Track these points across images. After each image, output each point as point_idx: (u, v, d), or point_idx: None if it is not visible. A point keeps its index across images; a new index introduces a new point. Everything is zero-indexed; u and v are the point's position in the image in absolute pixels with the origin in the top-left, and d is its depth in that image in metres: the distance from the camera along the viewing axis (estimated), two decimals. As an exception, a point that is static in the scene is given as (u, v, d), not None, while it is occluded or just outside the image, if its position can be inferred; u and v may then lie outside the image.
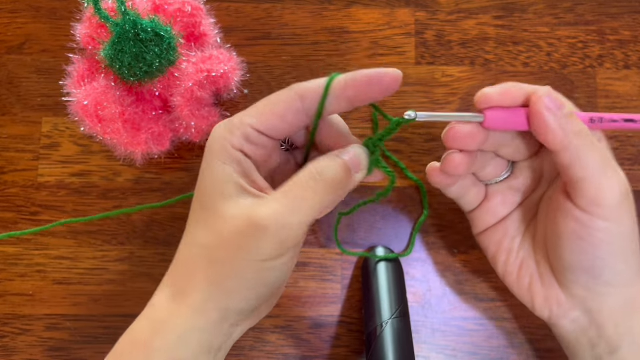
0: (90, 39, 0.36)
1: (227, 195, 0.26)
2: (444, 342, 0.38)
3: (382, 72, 0.26)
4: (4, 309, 0.38)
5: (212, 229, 0.26)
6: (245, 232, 0.25)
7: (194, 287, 0.27)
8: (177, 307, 0.27)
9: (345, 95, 0.27)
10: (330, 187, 0.26)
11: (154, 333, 0.27)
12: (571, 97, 0.41)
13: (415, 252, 0.39)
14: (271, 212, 0.25)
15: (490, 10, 0.43)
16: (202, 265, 0.27)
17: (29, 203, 0.39)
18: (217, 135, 0.27)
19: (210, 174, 0.27)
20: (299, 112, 0.27)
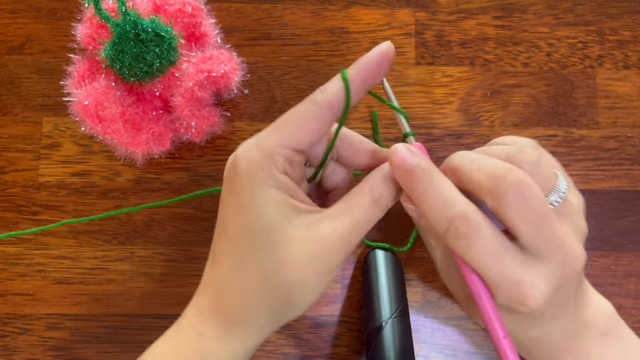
0: (91, 39, 0.36)
1: (288, 219, 0.26)
2: (444, 342, 0.38)
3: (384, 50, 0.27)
4: (4, 309, 0.38)
5: (278, 255, 0.26)
6: (315, 254, 0.26)
7: (258, 314, 0.27)
8: (232, 336, 0.27)
9: (364, 86, 0.27)
10: (385, 210, 0.27)
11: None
12: (571, 97, 0.41)
13: (415, 252, 0.39)
14: (338, 235, 0.26)
15: (490, 10, 0.43)
16: (271, 292, 0.27)
17: (29, 203, 0.39)
18: (255, 159, 0.26)
19: (263, 198, 0.26)
20: (331, 122, 0.27)
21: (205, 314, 0.28)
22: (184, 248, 0.39)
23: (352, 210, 0.26)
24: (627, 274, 0.39)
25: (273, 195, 0.26)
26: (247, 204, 0.26)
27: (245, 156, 0.26)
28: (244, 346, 0.28)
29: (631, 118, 0.41)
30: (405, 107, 0.41)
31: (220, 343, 0.27)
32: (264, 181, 0.26)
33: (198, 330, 0.28)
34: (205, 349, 0.27)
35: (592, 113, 0.41)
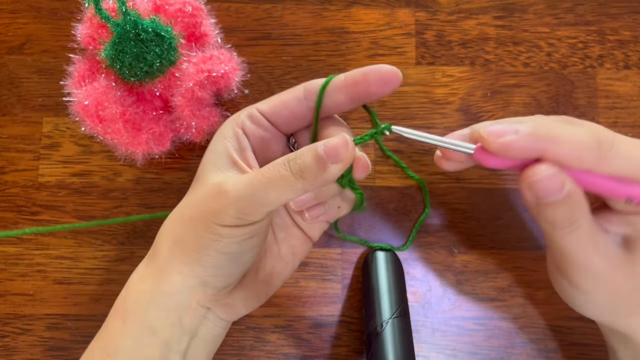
0: (91, 39, 0.36)
1: (218, 167, 0.29)
2: (444, 342, 0.38)
3: (379, 67, 0.27)
4: (4, 309, 0.38)
5: (192, 193, 0.29)
6: (211, 195, 0.27)
7: (161, 248, 0.29)
8: (147, 268, 0.29)
9: (345, 91, 0.28)
10: (299, 173, 0.25)
11: (127, 293, 0.29)
12: (571, 97, 0.41)
13: (415, 252, 0.39)
14: (237, 181, 0.27)
15: (490, 10, 0.43)
16: (170, 225, 0.29)
17: (29, 203, 0.39)
18: (227, 120, 0.31)
19: (210, 148, 0.30)
20: (300, 100, 0.30)
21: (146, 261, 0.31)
22: (184, 248, 0.39)
23: (262, 169, 0.26)
24: (627, 274, 0.39)
25: (218, 144, 0.30)
26: (206, 151, 0.30)
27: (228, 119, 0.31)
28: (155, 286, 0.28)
29: (631, 118, 0.41)
30: (406, 107, 0.41)
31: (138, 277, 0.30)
32: (220, 132, 0.30)
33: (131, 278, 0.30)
34: (130, 281, 0.30)
35: (593, 113, 0.41)
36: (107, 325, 0.30)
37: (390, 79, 0.27)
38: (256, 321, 0.38)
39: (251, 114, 0.30)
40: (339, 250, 0.39)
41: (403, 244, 0.39)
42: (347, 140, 0.26)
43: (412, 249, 0.39)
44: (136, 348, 0.28)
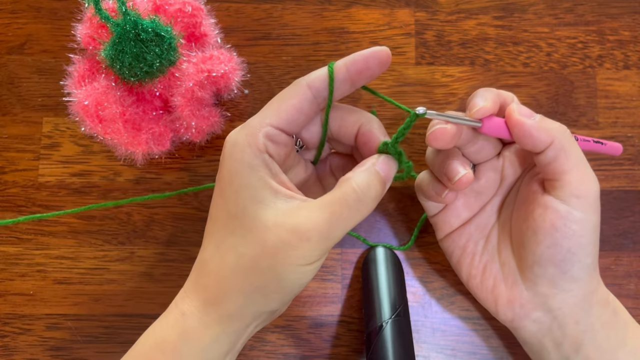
0: (91, 39, 0.36)
1: (263, 202, 0.26)
2: (444, 342, 0.38)
3: (376, 50, 0.28)
4: (4, 309, 0.38)
5: (253, 238, 0.26)
6: (291, 242, 0.26)
7: (232, 295, 0.27)
8: (210, 316, 0.28)
9: (349, 77, 0.28)
10: (372, 205, 0.27)
11: (185, 340, 0.28)
12: (571, 97, 0.41)
13: (415, 252, 0.39)
14: (315, 225, 0.26)
15: (490, 10, 0.43)
16: (242, 274, 0.27)
17: (29, 203, 0.39)
18: (238, 141, 0.27)
19: (240, 181, 0.27)
20: (312, 102, 0.29)
21: (188, 293, 0.29)
22: (184, 248, 0.39)
23: (332, 204, 0.26)
24: (627, 274, 0.39)
25: (252, 177, 0.27)
26: (227, 186, 0.27)
27: (230, 139, 0.28)
28: (224, 329, 0.28)
29: (631, 118, 0.41)
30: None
31: (199, 322, 0.28)
32: (244, 161, 0.27)
33: (181, 310, 0.28)
34: (186, 328, 0.28)
35: (592, 113, 0.41)
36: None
37: (386, 60, 0.29)
38: (256, 321, 0.38)
39: (270, 135, 0.28)
40: (338, 250, 0.39)
41: (403, 244, 0.39)
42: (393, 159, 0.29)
43: (412, 249, 0.39)
44: None
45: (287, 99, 0.28)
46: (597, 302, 0.31)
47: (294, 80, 0.29)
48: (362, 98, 0.41)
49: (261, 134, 0.27)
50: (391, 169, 0.28)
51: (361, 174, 0.27)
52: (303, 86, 0.28)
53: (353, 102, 0.41)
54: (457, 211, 0.35)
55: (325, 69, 0.28)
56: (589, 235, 0.29)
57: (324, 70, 0.28)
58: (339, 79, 0.28)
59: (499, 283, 0.33)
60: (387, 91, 0.41)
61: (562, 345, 0.31)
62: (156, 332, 0.29)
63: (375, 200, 0.27)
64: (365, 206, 0.27)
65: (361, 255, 0.39)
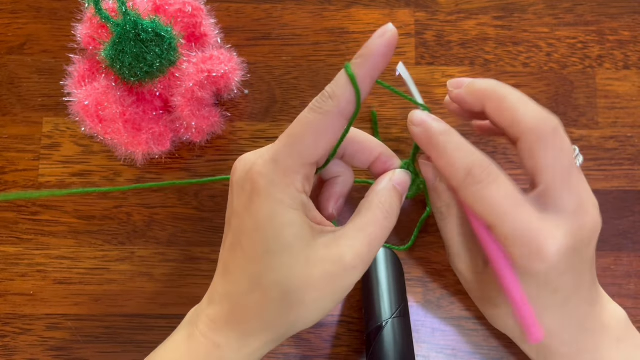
0: (91, 39, 0.36)
1: (305, 239, 0.27)
2: (444, 342, 0.38)
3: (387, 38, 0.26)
4: (4, 309, 0.38)
5: (298, 274, 0.26)
6: (336, 274, 0.27)
7: (274, 327, 0.28)
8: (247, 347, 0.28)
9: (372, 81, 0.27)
10: (396, 219, 0.28)
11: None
12: (571, 97, 0.41)
13: (415, 252, 0.39)
14: (356, 254, 0.27)
15: (490, 10, 0.43)
16: (286, 309, 0.27)
17: (29, 203, 0.39)
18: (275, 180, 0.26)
19: (281, 220, 0.26)
20: (344, 128, 0.27)
21: (220, 326, 0.28)
22: (184, 248, 0.39)
23: (366, 227, 0.27)
24: (627, 274, 0.39)
25: (292, 216, 0.26)
26: (266, 223, 0.26)
27: (263, 173, 0.26)
28: (260, 354, 0.29)
29: (631, 118, 0.41)
30: (406, 107, 0.41)
31: (237, 353, 0.28)
32: (284, 202, 0.26)
33: (214, 342, 0.28)
34: (223, 356, 0.28)
35: (592, 113, 0.41)
36: None
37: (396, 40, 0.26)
38: (256, 321, 0.38)
39: (308, 176, 0.27)
40: (339, 250, 0.39)
41: (403, 244, 0.39)
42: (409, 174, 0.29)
43: (412, 249, 0.39)
44: None
45: (322, 134, 0.26)
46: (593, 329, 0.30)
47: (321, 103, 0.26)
48: (362, 98, 0.41)
49: (300, 177, 0.26)
50: (406, 184, 0.29)
51: (383, 192, 0.28)
52: (337, 116, 0.26)
53: (353, 102, 0.41)
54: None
55: (347, 86, 0.26)
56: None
57: (348, 88, 0.26)
58: (363, 89, 0.26)
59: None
60: (387, 91, 0.41)
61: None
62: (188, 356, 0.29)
63: (397, 214, 0.28)
64: (391, 222, 0.28)
65: (361, 255, 0.39)
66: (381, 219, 0.27)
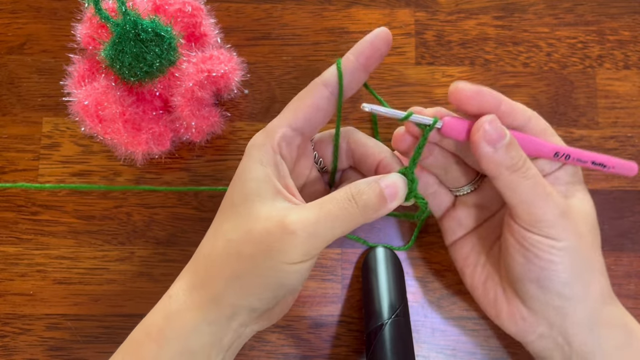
0: (91, 39, 0.36)
1: (263, 196, 0.27)
2: (444, 342, 0.38)
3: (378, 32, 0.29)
4: (4, 309, 0.38)
5: (243, 225, 0.27)
6: (275, 233, 0.26)
7: (214, 279, 0.28)
8: (193, 298, 0.28)
9: (359, 65, 0.29)
10: (362, 211, 0.27)
11: (168, 322, 0.28)
12: (571, 97, 0.41)
13: (415, 252, 0.39)
14: (302, 219, 0.26)
15: (490, 10, 0.43)
16: (225, 259, 0.27)
17: (29, 203, 0.39)
18: (257, 140, 0.29)
19: (248, 174, 0.28)
20: (328, 99, 0.29)
21: (179, 278, 0.29)
22: (184, 248, 0.39)
23: (324, 203, 0.27)
24: (627, 274, 0.39)
25: (259, 171, 0.28)
26: (237, 178, 0.29)
27: (252, 140, 0.29)
28: (204, 317, 0.28)
29: (631, 118, 0.41)
30: (406, 107, 0.41)
31: (182, 305, 0.28)
32: (256, 158, 0.28)
33: (169, 294, 0.29)
34: (170, 310, 0.28)
35: (592, 113, 0.41)
36: (137, 350, 0.29)
37: (389, 38, 0.29)
38: (256, 321, 0.38)
39: (286, 136, 0.29)
40: (338, 250, 0.39)
41: (403, 244, 0.39)
42: (404, 181, 0.28)
43: (412, 249, 0.39)
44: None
45: (303, 99, 0.29)
46: (607, 323, 0.30)
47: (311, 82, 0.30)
48: (361, 98, 0.41)
49: (278, 135, 0.28)
50: (396, 187, 0.28)
51: (359, 182, 0.27)
52: (318, 85, 0.29)
53: (353, 102, 0.41)
54: (460, 219, 0.35)
55: (334, 67, 0.29)
56: (561, 256, 0.29)
57: (334, 68, 0.29)
58: (350, 70, 0.29)
59: (499, 296, 0.32)
60: (387, 91, 0.41)
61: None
62: (147, 317, 0.30)
63: (368, 208, 0.27)
64: (356, 209, 0.26)
65: (361, 255, 0.39)
66: (342, 200, 0.26)
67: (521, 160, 0.28)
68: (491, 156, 0.28)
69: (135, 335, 0.29)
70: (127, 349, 0.29)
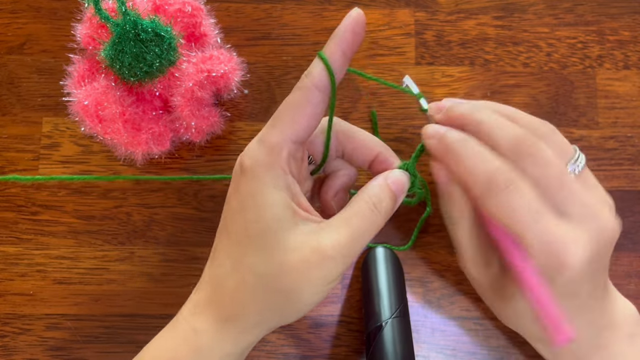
0: (91, 39, 0.36)
1: (285, 224, 0.26)
2: (444, 342, 0.38)
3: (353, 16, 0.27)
4: (4, 309, 0.38)
5: (273, 259, 0.26)
6: (313, 262, 0.26)
7: (249, 314, 0.27)
8: (223, 333, 0.28)
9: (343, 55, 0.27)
10: (384, 217, 0.27)
11: (196, 357, 0.27)
12: (571, 97, 0.41)
13: (415, 252, 0.39)
14: (336, 243, 0.26)
15: (490, 10, 0.43)
16: (261, 295, 0.27)
17: (29, 203, 0.39)
18: (260, 160, 0.26)
19: (262, 200, 0.26)
20: (324, 102, 0.27)
21: (200, 309, 0.28)
22: (184, 248, 0.39)
23: (350, 219, 0.27)
24: (627, 274, 0.39)
25: (275, 197, 0.26)
26: (249, 204, 0.26)
27: (250, 155, 0.27)
28: (237, 344, 0.28)
29: (631, 118, 0.41)
30: (405, 107, 0.41)
31: (213, 339, 0.28)
32: (268, 181, 0.26)
33: (192, 326, 0.28)
34: (199, 345, 0.28)
35: (592, 113, 0.41)
36: None
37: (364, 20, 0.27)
38: (256, 321, 0.38)
39: (292, 153, 0.27)
40: (338, 250, 0.39)
41: (403, 244, 0.39)
42: (408, 177, 0.29)
43: (412, 249, 0.39)
44: None
45: (300, 108, 0.27)
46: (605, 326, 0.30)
47: (298, 84, 0.27)
48: (361, 98, 0.41)
49: (284, 153, 0.27)
50: (403, 184, 0.28)
51: (374, 187, 0.28)
52: (311, 89, 0.27)
53: (353, 103, 0.41)
54: None
55: (320, 63, 0.27)
56: None
57: (320, 64, 0.27)
58: (338, 63, 0.27)
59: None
60: (387, 91, 0.41)
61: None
62: (167, 347, 0.29)
63: (387, 213, 0.27)
64: (379, 218, 0.27)
65: (361, 255, 0.39)
66: (367, 212, 0.27)
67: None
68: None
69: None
70: None
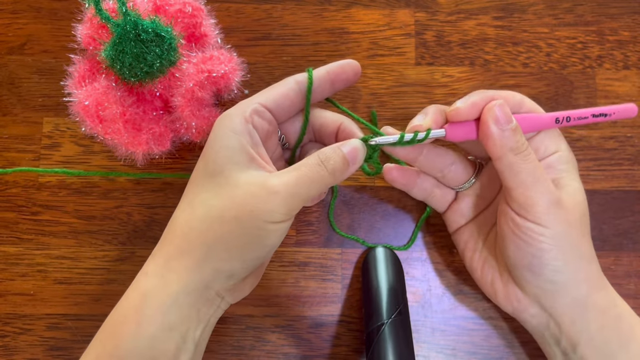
0: (91, 40, 0.36)
1: (239, 163, 0.29)
2: (444, 342, 0.38)
3: (348, 61, 0.33)
4: (5, 309, 0.38)
5: (224, 192, 0.28)
6: (259, 195, 0.28)
7: (195, 245, 0.28)
8: (170, 270, 0.28)
9: (329, 78, 0.33)
10: (331, 173, 0.29)
11: (145, 300, 0.28)
12: (570, 97, 0.42)
13: (415, 252, 0.39)
14: (283, 181, 0.28)
15: (490, 10, 0.43)
16: (208, 224, 0.28)
17: (29, 203, 0.39)
18: (228, 112, 0.31)
19: (221, 142, 0.29)
20: (297, 92, 0.32)
21: (154, 252, 0.30)
22: (184, 248, 0.39)
23: (299, 167, 0.29)
24: (627, 274, 0.39)
25: (232, 140, 0.29)
26: (209, 148, 0.30)
27: (222, 114, 0.31)
28: (183, 283, 0.28)
29: (631, 118, 0.41)
30: (405, 107, 0.41)
31: (160, 280, 0.28)
32: (229, 126, 0.30)
33: (144, 271, 0.29)
34: (146, 287, 0.29)
35: (592, 113, 0.41)
36: (115, 332, 0.29)
37: (357, 70, 0.33)
38: (256, 321, 0.38)
39: (258, 110, 0.31)
40: (338, 250, 0.39)
41: (403, 244, 0.39)
42: (363, 146, 0.31)
43: (412, 249, 0.39)
44: (151, 346, 0.28)
45: (274, 87, 0.32)
46: (594, 305, 0.32)
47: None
48: (361, 98, 0.41)
49: (249, 108, 0.30)
50: (357, 151, 0.30)
51: (327, 148, 0.30)
52: (290, 79, 0.32)
53: (353, 102, 0.41)
54: (462, 211, 0.37)
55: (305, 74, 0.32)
56: (551, 244, 0.31)
57: (305, 74, 0.32)
58: (320, 77, 0.32)
59: (496, 279, 0.35)
60: (387, 91, 0.41)
61: (560, 341, 0.33)
62: (123, 298, 0.30)
63: (335, 171, 0.29)
64: (326, 173, 0.29)
65: (361, 255, 0.39)
66: (314, 164, 0.29)
67: (524, 145, 0.31)
68: (498, 136, 0.30)
69: (112, 318, 0.29)
70: (105, 333, 0.29)
